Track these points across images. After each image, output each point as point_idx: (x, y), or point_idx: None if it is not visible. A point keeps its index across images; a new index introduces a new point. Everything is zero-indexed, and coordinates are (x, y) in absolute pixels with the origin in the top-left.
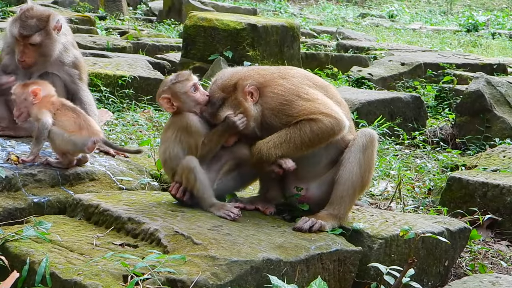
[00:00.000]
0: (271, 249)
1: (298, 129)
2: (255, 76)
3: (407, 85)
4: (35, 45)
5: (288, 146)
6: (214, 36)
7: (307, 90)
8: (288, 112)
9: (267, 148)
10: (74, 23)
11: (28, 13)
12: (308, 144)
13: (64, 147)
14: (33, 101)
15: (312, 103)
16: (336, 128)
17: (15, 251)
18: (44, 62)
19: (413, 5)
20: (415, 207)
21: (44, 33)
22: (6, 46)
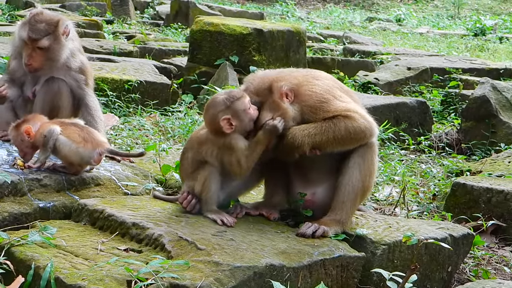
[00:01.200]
0: (274, 254)
1: (333, 124)
2: (287, 77)
3: (413, 89)
4: (43, 49)
5: (321, 138)
6: (220, 41)
7: (339, 93)
8: (326, 108)
9: (302, 135)
10: (81, 27)
11: (37, 17)
12: (340, 140)
13: (71, 157)
14: (29, 139)
15: (347, 104)
16: (367, 132)
17: (20, 256)
18: (50, 67)
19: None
20: (420, 212)
21: (52, 37)
22: (14, 51)
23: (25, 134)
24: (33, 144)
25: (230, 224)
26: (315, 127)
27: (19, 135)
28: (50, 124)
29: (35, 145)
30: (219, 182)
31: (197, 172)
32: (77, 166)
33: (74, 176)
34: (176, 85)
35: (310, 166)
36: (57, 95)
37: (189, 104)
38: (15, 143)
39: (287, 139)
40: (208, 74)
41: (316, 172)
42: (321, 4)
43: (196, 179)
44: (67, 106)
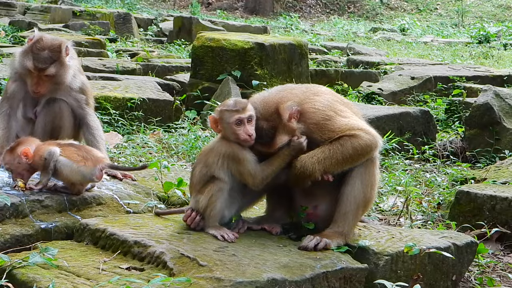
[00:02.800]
0: (276, 269)
1: (340, 145)
2: (289, 96)
3: (417, 99)
4: (50, 76)
5: (330, 161)
6: (222, 56)
7: (340, 107)
8: (330, 127)
9: (311, 162)
10: (85, 46)
11: (39, 45)
12: (348, 159)
13: (73, 177)
14: (28, 161)
15: (349, 120)
16: (373, 146)
17: (22, 278)
18: (56, 90)
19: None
20: (424, 222)
21: (58, 64)
22: (14, 74)
23: (23, 156)
24: (30, 166)
25: (231, 239)
26: (323, 151)
27: (15, 158)
28: (47, 145)
29: (33, 167)
30: (226, 201)
31: (206, 187)
32: (79, 186)
33: (76, 196)
34: (179, 102)
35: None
36: (58, 115)
37: (193, 120)
38: (11, 167)
39: (297, 169)
40: (211, 89)
41: (318, 185)
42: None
43: (203, 194)
44: (69, 126)
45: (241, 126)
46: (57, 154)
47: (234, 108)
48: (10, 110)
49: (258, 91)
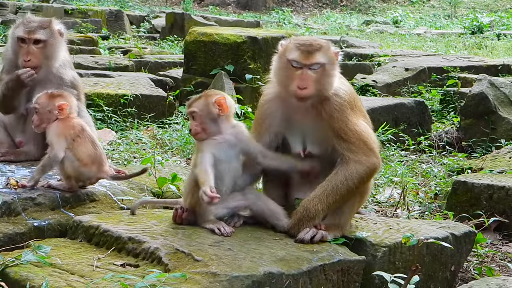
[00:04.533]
0: (273, 262)
1: (345, 178)
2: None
3: (412, 90)
4: (40, 44)
5: (334, 198)
6: (215, 51)
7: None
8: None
9: (314, 204)
10: (77, 44)
11: (30, 18)
12: (354, 189)
13: (71, 173)
14: (58, 115)
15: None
16: (378, 165)
17: (15, 277)
18: (47, 67)
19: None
20: (421, 212)
21: (48, 32)
22: (7, 64)
23: (58, 108)
24: (50, 128)
25: (227, 233)
26: (324, 189)
27: (50, 105)
28: (70, 129)
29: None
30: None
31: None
32: (73, 182)
33: (69, 193)
34: (172, 97)
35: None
36: None
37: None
38: (40, 110)
39: (300, 213)
40: (204, 84)
41: (314, 177)
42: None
43: (191, 192)
44: None
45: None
46: (59, 158)
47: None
48: None
49: (251, 85)
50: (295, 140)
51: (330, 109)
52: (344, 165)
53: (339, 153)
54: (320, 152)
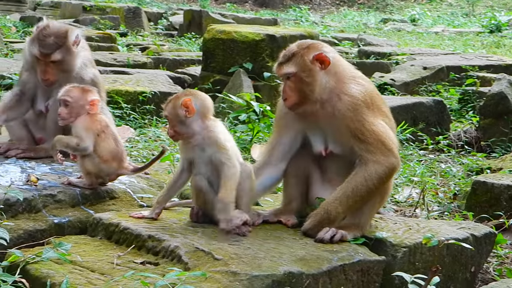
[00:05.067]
0: (293, 262)
1: (364, 179)
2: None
3: (430, 89)
4: (56, 62)
5: (354, 199)
6: (233, 48)
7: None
8: (366, 127)
9: (334, 207)
10: (95, 41)
11: (45, 32)
12: (374, 189)
13: (91, 169)
14: (89, 110)
15: (385, 129)
16: (397, 165)
17: (35, 274)
18: (65, 78)
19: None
20: (440, 213)
21: (64, 49)
22: (26, 63)
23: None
24: (79, 121)
25: (243, 233)
26: (344, 191)
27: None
28: (97, 124)
29: (78, 126)
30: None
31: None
32: (93, 178)
33: (89, 190)
34: None
35: (331, 170)
36: None
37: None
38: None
39: (321, 215)
40: (222, 82)
41: (336, 176)
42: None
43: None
44: None
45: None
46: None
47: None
48: (21, 95)
49: (270, 83)
50: (316, 138)
51: (342, 109)
52: (363, 166)
53: (357, 154)
54: (341, 151)
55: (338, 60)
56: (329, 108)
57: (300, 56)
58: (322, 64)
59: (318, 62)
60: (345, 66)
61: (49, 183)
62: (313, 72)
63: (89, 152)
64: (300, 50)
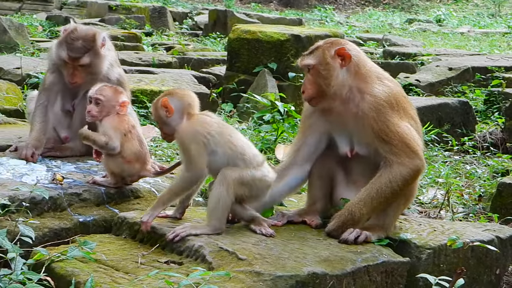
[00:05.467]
0: (317, 262)
1: (389, 181)
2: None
3: (455, 90)
4: (85, 66)
5: (378, 201)
6: (258, 48)
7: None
8: (391, 128)
9: (359, 208)
10: (121, 41)
11: (73, 35)
12: (398, 191)
13: (114, 168)
14: (119, 111)
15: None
16: (422, 167)
17: (60, 272)
18: (92, 80)
19: (460, 9)
20: (465, 214)
21: (92, 53)
22: (51, 65)
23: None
24: (107, 120)
25: (270, 234)
26: (369, 192)
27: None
28: (125, 125)
29: (107, 125)
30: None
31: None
32: (118, 177)
33: (113, 189)
34: (215, 94)
35: (356, 171)
36: None
37: (229, 113)
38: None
39: (345, 216)
40: (247, 82)
41: (361, 177)
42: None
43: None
44: None
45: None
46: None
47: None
48: (48, 103)
49: (294, 83)
50: (342, 140)
51: (365, 108)
52: (387, 168)
53: (382, 156)
54: (367, 152)
55: (362, 60)
56: (353, 108)
57: (322, 49)
58: (343, 60)
59: (339, 58)
60: (370, 66)
61: (74, 181)
62: (330, 66)
63: (116, 152)
64: (323, 45)
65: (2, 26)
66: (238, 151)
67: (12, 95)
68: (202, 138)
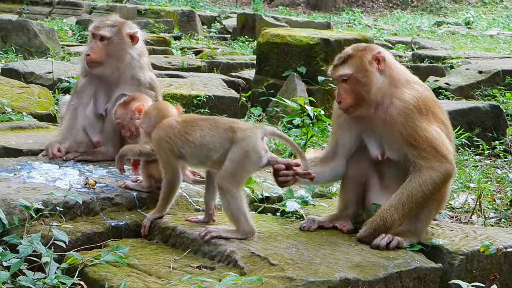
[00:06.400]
0: (349, 268)
1: (419, 185)
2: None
3: (485, 93)
4: (104, 41)
5: (410, 206)
6: (287, 52)
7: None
8: (420, 133)
9: (390, 214)
10: (150, 44)
11: (108, 17)
12: (429, 196)
13: (154, 172)
14: (138, 117)
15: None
16: (452, 174)
17: (94, 276)
18: (111, 65)
19: (489, 11)
20: (497, 219)
21: (115, 30)
22: (83, 69)
23: (137, 111)
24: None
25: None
26: (400, 197)
27: (128, 113)
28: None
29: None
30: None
31: None
32: (153, 181)
33: (145, 194)
34: (245, 98)
35: (389, 176)
36: None
37: (258, 117)
38: (123, 122)
39: (377, 223)
40: (276, 86)
41: (394, 182)
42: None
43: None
44: None
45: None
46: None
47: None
48: (78, 105)
49: (324, 87)
50: (372, 143)
51: (393, 113)
52: (417, 173)
53: (410, 161)
54: (397, 157)
55: (393, 64)
56: (382, 113)
57: (357, 57)
58: (379, 65)
59: (376, 62)
60: (400, 70)
61: (106, 186)
62: (369, 73)
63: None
64: (357, 52)
65: (33, 30)
66: (201, 148)
67: (43, 100)
68: (165, 144)
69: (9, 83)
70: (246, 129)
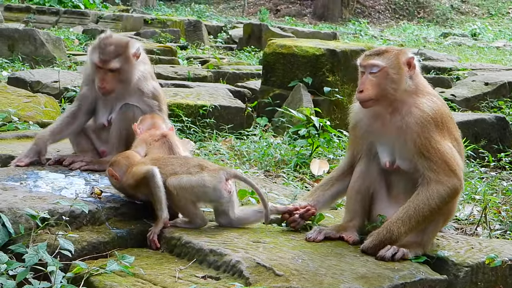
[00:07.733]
0: (354, 279)
1: (426, 198)
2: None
3: (491, 105)
4: (114, 71)
5: (417, 219)
6: (293, 63)
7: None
8: (433, 145)
9: (397, 227)
10: (156, 54)
11: (107, 41)
12: (436, 210)
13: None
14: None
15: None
16: (459, 190)
17: (99, 285)
18: (123, 90)
19: (496, 23)
20: (503, 231)
21: (123, 59)
22: (85, 78)
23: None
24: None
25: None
26: (406, 210)
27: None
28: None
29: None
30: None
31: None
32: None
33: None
34: (251, 109)
35: (398, 187)
36: (132, 122)
37: (264, 127)
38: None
39: (383, 235)
40: (282, 96)
41: (403, 193)
42: (394, 22)
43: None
44: None
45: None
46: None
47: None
48: (77, 110)
49: (329, 97)
50: (383, 149)
51: (410, 122)
52: (425, 186)
53: (420, 173)
54: (408, 167)
55: (419, 73)
56: (398, 120)
57: (393, 54)
58: (410, 69)
59: (407, 66)
60: (423, 81)
61: (112, 195)
62: (402, 71)
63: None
64: (393, 50)
65: (40, 39)
66: None
67: (50, 109)
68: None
69: (16, 92)
70: (213, 169)
